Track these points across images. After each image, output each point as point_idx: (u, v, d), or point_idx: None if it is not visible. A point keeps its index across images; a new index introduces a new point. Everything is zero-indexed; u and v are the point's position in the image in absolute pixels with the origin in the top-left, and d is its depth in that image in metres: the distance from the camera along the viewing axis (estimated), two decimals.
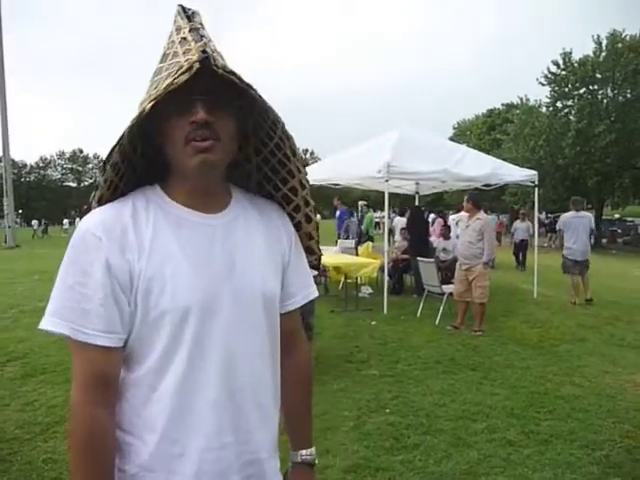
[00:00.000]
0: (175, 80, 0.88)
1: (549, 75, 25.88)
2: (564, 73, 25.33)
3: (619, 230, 27.67)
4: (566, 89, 25.50)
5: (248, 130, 1.09)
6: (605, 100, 25.02)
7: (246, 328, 1.03)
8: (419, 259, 7.97)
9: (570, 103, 25.83)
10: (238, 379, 1.01)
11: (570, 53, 25.16)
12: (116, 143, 0.94)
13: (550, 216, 27.54)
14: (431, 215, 15.37)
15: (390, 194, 8.59)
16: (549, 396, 4.37)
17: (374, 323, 7.12)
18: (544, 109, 26.96)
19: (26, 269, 14.21)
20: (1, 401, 4.21)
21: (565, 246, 8.94)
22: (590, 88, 24.95)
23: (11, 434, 3.61)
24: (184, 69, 0.88)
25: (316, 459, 1.23)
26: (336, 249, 10.88)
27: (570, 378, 4.84)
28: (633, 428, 3.74)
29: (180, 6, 1.01)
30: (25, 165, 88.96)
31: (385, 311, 7.75)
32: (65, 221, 46.94)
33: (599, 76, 24.38)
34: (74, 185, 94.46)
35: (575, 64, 24.89)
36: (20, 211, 47.98)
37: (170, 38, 1.00)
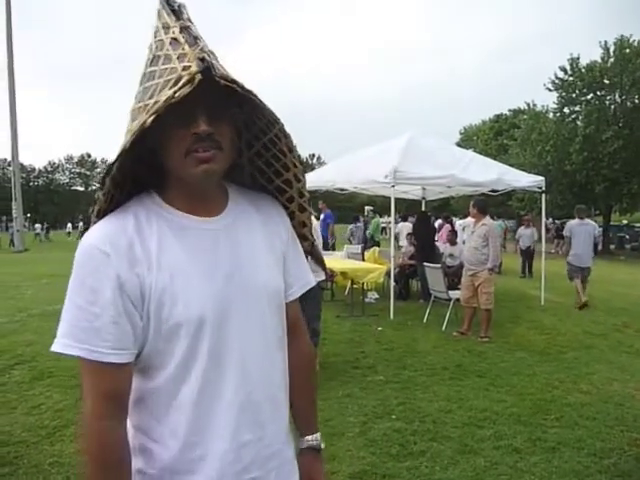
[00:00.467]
0: (176, 93, 0.85)
1: (556, 81, 25.83)
2: (571, 79, 25.28)
3: (627, 236, 27.51)
4: (573, 95, 25.44)
5: (240, 126, 1.09)
6: (613, 106, 24.95)
7: (257, 327, 1.05)
8: (426, 264, 7.96)
9: (577, 109, 25.77)
10: (253, 378, 1.03)
11: (578, 59, 25.12)
12: (115, 159, 0.92)
13: (557, 222, 27.41)
14: (438, 221, 15.28)
15: (396, 199, 8.58)
16: (556, 403, 4.34)
17: (380, 329, 7.10)
18: (551, 115, 26.90)
19: (35, 273, 14.29)
20: (8, 404, 4.23)
21: (571, 253, 9.16)
22: (598, 94, 24.89)
23: (18, 437, 3.62)
24: (185, 81, 0.86)
25: (322, 444, 1.27)
26: (342, 254, 10.88)
27: (577, 385, 4.80)
28: None
29: None
30: (34, 169, 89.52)
31: (391, 317, 7.74)
32: (69, 225, 47.10)
33: (607, 82, 24.31)
34: (82, 189, 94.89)
35: (582, 70, 24.83)
36: (28, 215, 48.19)
37: (157, 37, 0.95)
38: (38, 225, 42.17)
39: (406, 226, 12.94)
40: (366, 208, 20.56)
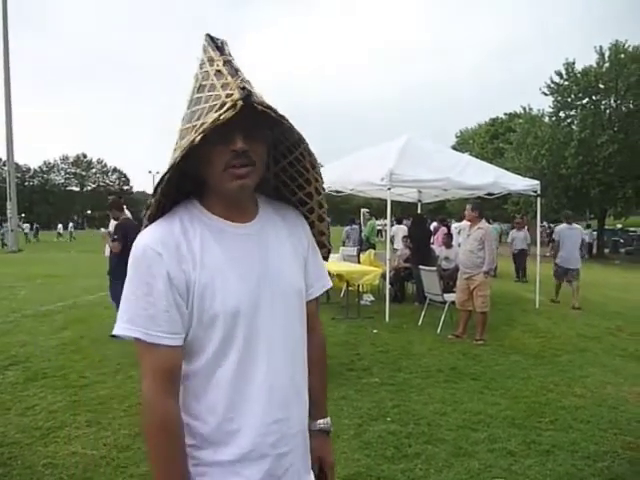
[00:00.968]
0: (221, 116, 1.00)
1: (552, 85, 25.89)
2: (567, 83, 25.32)
3: (621, 240, 27.59)
4: (569, 99, 25.49)
5: (269, 144, 1.21)
6: (608, 110, 25.02)
7: (283, 319, 1.20)
8: (421, 267, 7.98)
9: (573, 113, 25.81)
10: (279, 365, 1.18)
11: (573, 63, 25.16)
12: (167, 170, 1.07)
13: (552, 226, 27.46)
14: (433, 223, 15.29)
15: (392, 202, 8.60)
16: (550, 406, 4.35)
17: (375, 331, 7.11)
18: (547, 119, 26.94)
19: (28, 273, 14.25)
20: (2, 405, 4.22)
21: (559, 255, 9.88)
22: (593, 98, 24.95)
23: (12, 438, 3.61)
24: (228, 106, 1.01)
25: (331, 427, 1.44)
26: (338, 256, 10.88)
27: (571, 388, 4.82)
28: (635, 439, 3.72)
29: (208, 36, 1.13)
30: (29, 169, 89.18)
31: (387, 319, 7.75)
32: (59, 226, 46.56)
33: (602, 86, 24.36)
34: (77, 190, 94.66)
35: (578, 74, 24.87)
36: (23, 215, 47.89)
37: (203, 68, 1.12)
38: (26, 225, 41.78)
39: (401, 229, 12.95)
40: (362, 210, 20.51)
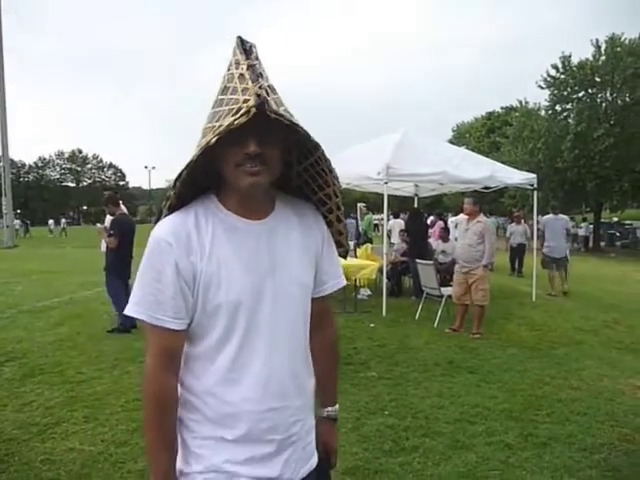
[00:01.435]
0: (235, 121, 1.08)
1: (548, 78, 25.84)
2: (563, 77, 25.29)
3: (617, 233, 27.65)
4: (565, 92, 25.46)
5: (291, 146, 1.28)
6: (604, 104, 25.01)
7: (285, 314, 1.27)
8: (418, 261, 7.98)
9: (569, 106, 25.79)
10: (280, 356, 1.25)
11: (569, 57, 25.12)
12: (186, 166, 1.15)
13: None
14: (430, 217, 15.27)
15: (389, 196, 8.59)
16: (547, 399, 4.37)
17: (373, 325, 7.12)
18: (543, 112, 26.92)
19: (24, 269, 14.20)
20: None
21: (545, 245, 10.20)
22: (589, 92, 24.95)
23: (9, 434, 3.60)
24: (243, 112, 1.07)
25: (338, 415, 1.53)
26: None
27: (568, 381, 4.84)
28: (631, 431, 3.74)
29: (239, 38, 1.18)
30: (24, 165, 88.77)
31: (384, 313, 7.76)
32: (50, 221, 46.02)
33: (598, 80, 24.34)
34: (73, 185, 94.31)
35: (574, 68, 24.84)
36: (19, 211, 47.62)
37: (229, 70, 1.18)
38: (17, 221, 41.37)
39: (398, 223, 12.94)
40: (359, 205, 20.50)
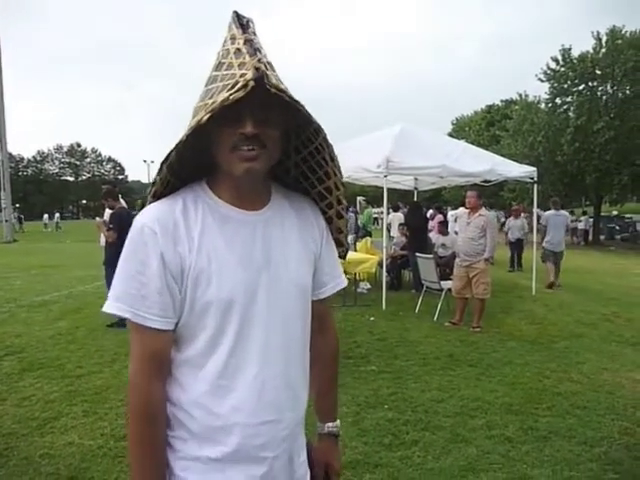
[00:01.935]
0: (231, 96, 0.95)
1: (548, 71, 25.75)
2: (563, 69, 25.19)
3: (617, 227, 27.65)
4: (565, 85, 25.37)
5: (290, 132, 1.17)
6: (604, 97, 24.93)
7: (281, 316, 1.14)
8: (418, 255, 7.96)
9: (569, 99, 25.70)
10: (274, 361, 1.13)
11: (569, 49, 25.02)
12: (173, 148, 1.03)
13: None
14: (429, 211, 15.23)
15: (389, 190, 8.56)
16: (547, 393, 4.37)
17: (372, 319, 7.12)
18: (543, 105, 26.85)
19: (23, 263, 14.20)
20: None
21: (545, 239, 10.47)
22: (589, 84, 24.86)
23: (8, 429, 3.59)
24: (239, 86, 0.95)
25: (340, 430, 1.37)
26: None
27: (568, 375, 4.83)
28: (632, 425, 3.74)
29: (235, 13, 1.08)
30: (22, 159, 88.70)
31: (384, 307, 7.75)
32: (45, 216, 45.87)
33: (598, 72, 24.25)
34: (72, 179, 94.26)
35: (574, 60, 24.74)
36: (17, 205, 47.56)
37: (225, 46, 1.07)
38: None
39: (397, 216, 12.91)
40: (358, 198, 20.50)
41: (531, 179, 9.25)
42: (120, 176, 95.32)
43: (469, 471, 3.10)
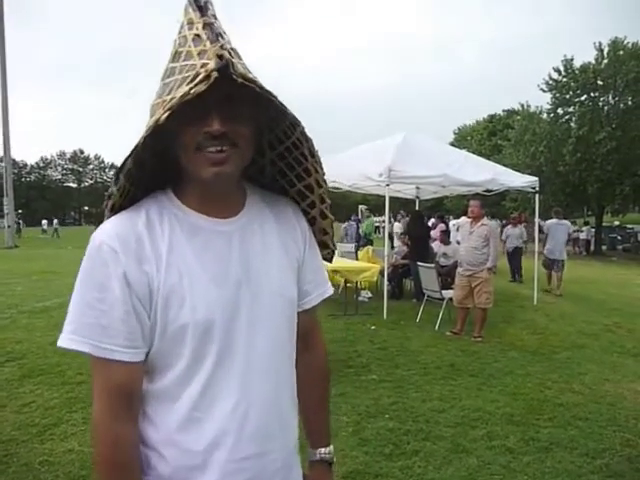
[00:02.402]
0: (192, 90, 0.82)
1: (550, 82, 25.88)
2: (565, 80, 25.33)
3: (619, 237, 27.63)
4: (567, 96, 25.49)
5: (262, 126, 1.05)
6: (606, 107, 25.02)
7: (266, 334, 1.02)
8: (419, 264, 7.96)
9: (571, 110, 25.81)
10: (258, 387, 1.00)
11: (571, 60, 25.17)
12: (130, 153, 0.90)
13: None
14: (431, 220, 15.23)
15: (390, 198, 8.57)
16: (549, 403, 4.35)
17: (373, 328, 7.10)
18: (545, 115, 26.96)
19: (25, 269, 14.19)
20: None
21: (546, 247, 10.85)
22: (591, 95, 24.96)
23: (8, 435, 3.58)
24: (201, 77, 0.83)
25: (334, 457, 1.24)
26: (336, 253, 10.84)
27: (570, 385, 4.82)
28: (633, 437, 3.72)
29: None
30: (25, 165, 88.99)
31: (385, 316, 7.73)
32: (44, 222, 45.87)
33: (600, 83, 24.37)
34: (74, 186, 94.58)
35: (576, 71, 24.89)
36: (20, 211, 47.62)
37: (181, 32, 0.93)
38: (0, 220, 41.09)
39: (397, 226, 12.92)
40: (360, 207, 20.54)
41: (533, 189, 9.27)
42: None
43: None
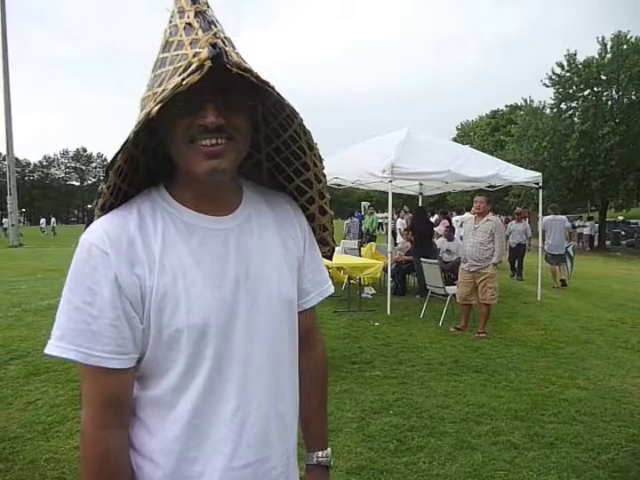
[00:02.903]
0: (184, 81, 0.78)
1: (553, 77, 25.77)
2: (568, 75, 25.22)
3: (623, 232, 27.55)
4: (570, 91, 25.39)
5: (258, 119, 1.02)
6: (610, 102, 24.93)
7: (266, 335, 0.98)
8: (422, 260, 7.95)
9: (574, 105, 25.72)
10: (258, 393, 0.97)
11: (575, 55, 25.05)
12: (120, 149, 0.86)
13: None
14: (434, 216, 15.18)
15: (393, 195, 8.56)
16: (553, 399, 4.34)
17: (377, 324, 7.10)
18: (548, 110, 26.86)
19: (29, 267, 14.24)
20: (4, 400, 4.21)
21: (546, 243, 11.01)
22: (594, 90, 24.86)
23: (13, 433, 3.60)
24: (194, 67, 0.78)
25: (331, 461, 1.20)
26: (339, 249, 10.86)
27: (574, 381, 4.81)
28: (639, 432, 3.71)
29: None
30: (29, 164, 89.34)
31: (388, 312, 7.73)
32: (42, 220, 45.95)
33: (604, 78, 24.27)
34: (77, 184, 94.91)
35: (580, 66, 24.77)
36: (24, 210, 47.78)
37: (172, 21, 0.89)
38: (6, 220, 41.21)
39: (400, 222, 12.90)
40: (363, 204, 20.54)
41: (536, 184, 9.25)
42: None
43: (475, 478, 3.08)
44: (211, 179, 0.90)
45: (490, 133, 42.86)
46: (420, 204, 11.84)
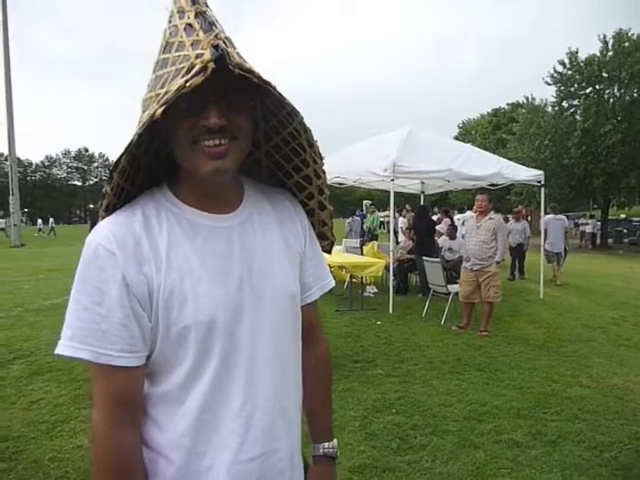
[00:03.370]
0: (187, 83, 0.79)
1: (555, 74, 25.71)
2: (570, 72, 25.15)
3: (625, 230, 27.50)
4: (572, 89, 25.33)
5: (258, 117, 1.03)
6: (611, 100, 24.86)
7: (271, 331, 1.00)
8: (425, 259, 7.95)
9: (576, 103, 25.67)
10: (264, 388, 0.99)
11: (576, 52, 24.98)
12: (124, 151, 0.87)
13: None
14: (436, 214, 15.16)
15: (395, 193, 8.56)
16: (556, 397, 4.34)
17: (379, 323, 7.10)
18: (550, 108, 26.81)
19: (32, 267, 14.27)
20: (7, 399, 4.22)
21: (546, 242, 11.03)
22: (596, 87, 24.80)
23: (17, 432, 3.61)
24: (197, 69, 0.79)
25: (337, 452, 1.22)
26: (341, 248, 10.86)
27: (577, 379, 4.81)
28: None
29: None
30: (30, 164, 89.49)
31: (390, 311, 7.73)
32: (39, 221, 46.20)
33: (605, 75, 24.21)
34: (79, 184, 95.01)
35: (581, 63, 24.70)
36: (26, 210, 47.89)
37: (172, 22, 0.89)
38: (2, 220, 41.30)
39: (402, 220, 12.89)
40: (364, 202, 20.53)
41: (538, 182, 9.24)
42: None
43: (477, 476, 3.08)
44: (215, 179, 0.91)
45: (492, 131, 42.75)
46: (422, 203, 11.83)
